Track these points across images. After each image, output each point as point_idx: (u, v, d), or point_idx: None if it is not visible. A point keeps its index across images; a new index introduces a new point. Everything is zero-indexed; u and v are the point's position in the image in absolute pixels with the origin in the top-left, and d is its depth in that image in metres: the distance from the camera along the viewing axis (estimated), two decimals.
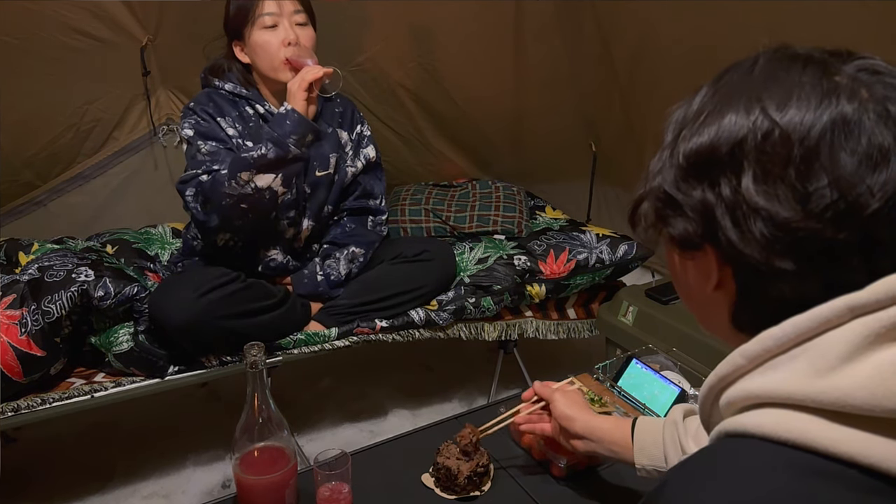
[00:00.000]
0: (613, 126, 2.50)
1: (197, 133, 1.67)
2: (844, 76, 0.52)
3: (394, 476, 1.23)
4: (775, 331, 0.51)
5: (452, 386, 2.21)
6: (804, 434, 0.47)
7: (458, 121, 2.54)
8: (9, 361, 1.48)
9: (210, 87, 1.75)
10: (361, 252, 1.86)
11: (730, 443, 0.52)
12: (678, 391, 1.24)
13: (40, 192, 2.25)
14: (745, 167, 0.52)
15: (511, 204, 2.23)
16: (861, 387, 0.46)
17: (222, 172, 1.60)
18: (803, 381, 0.48)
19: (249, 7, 1.66)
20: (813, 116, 0.50)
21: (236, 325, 1.62)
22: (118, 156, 2.29)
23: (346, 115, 1.89)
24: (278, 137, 1.58)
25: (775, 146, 0.51)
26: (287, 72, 1.68)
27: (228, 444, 1.14)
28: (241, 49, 1.73)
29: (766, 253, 0.52)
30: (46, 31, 1.96)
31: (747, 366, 0.53)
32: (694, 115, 0.57)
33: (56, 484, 1.80)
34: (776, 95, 0.52)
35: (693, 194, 0.55)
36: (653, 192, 0.59)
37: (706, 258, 0.57)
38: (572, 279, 1.99)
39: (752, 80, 0.55)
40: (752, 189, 0.51)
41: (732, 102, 0.54)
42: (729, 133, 0.53)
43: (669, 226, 0.58)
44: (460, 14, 2.28)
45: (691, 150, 0.55)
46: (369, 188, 1.92)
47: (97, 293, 1.56)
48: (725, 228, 0.53)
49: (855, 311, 0.48)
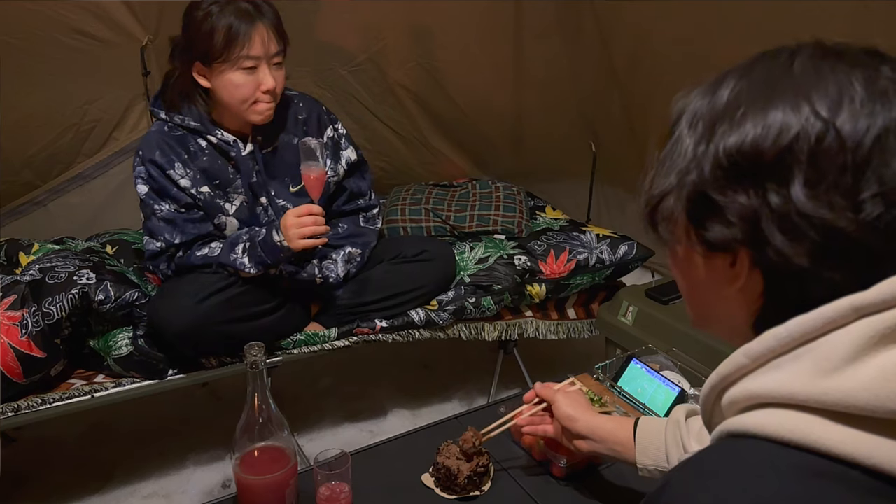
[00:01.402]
0: (613, 126, 2.50)
1: (151, 191, 1.64)
2: (887, 79, 0.50)
3: (394, 476, 1.23)
4: (779, 330, 0.50)
5: (452, 386, 2.20)
6: (807, 435, 0.47)
7: (458, 121, 2.53)
8: (9, 363, 1.48)
9: (159, 120, 1.67)
10: (358, 252, 1.86)
11: (732, 443, 0.51)
12: (678, 391, 1.24)
13: (40, 192, 2.24)
14: (796, 172, 0.49)
15: (511, 204, 2.23)
16: (865, 388, 0.46)
17: (198, 256, 1.64)
18: (807, 381, 0.48)
19: (232, 42, 1.51)
20: (867, 121, 0.48)
21: (236, 330, 1.62)
22: (118, 156, 2.29)
23: (311, 121, 1.77)
24: (269, 264, 1.61)
25: (830, 150, 0.48)
26: (254, 114, 1.60)
27: (228, 444, 1.14)
28: (203, 75, 1.59)
29: (815, 262, 0.50)
30: (46, 31, 1.95)
31: (750, 365, 0.52)
32: (728, 109, 0.53)
33: (56, 484, 1.80)
34: (826, 96, 0.49)
35: (737, 198, 0.51)
36: (684, 190, 0.55)
37: (736, 259, 0.54)
38: (572, 279, 1.99)
39: (794, 75, 0.52)
40: (803, 195, 0.49)
41: (775, 98, 0.51)
42: (777, 131, 0.50)
43: (705, 229, 0.54)
44: (460, 14, 2.28)
45: (732, 147, 0.51)
46: (356, 189, 1.89)
47: (98, 297, 1.56)
48: (772, 236, 0.50)
49: (860, 312, 0.47)
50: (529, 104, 2.55)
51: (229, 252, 1.63)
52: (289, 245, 1.56)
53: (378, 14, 2.25)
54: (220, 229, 1.71)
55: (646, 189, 0.59)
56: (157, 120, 1.69)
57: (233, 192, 1.70)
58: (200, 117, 1.65)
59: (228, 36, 1.51)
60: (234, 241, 1.65)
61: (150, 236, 1.66)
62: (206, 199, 1.66)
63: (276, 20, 1.58)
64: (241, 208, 1.71)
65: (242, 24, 1.51)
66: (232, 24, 1.51)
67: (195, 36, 1.54)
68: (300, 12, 2.15)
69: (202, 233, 1.68)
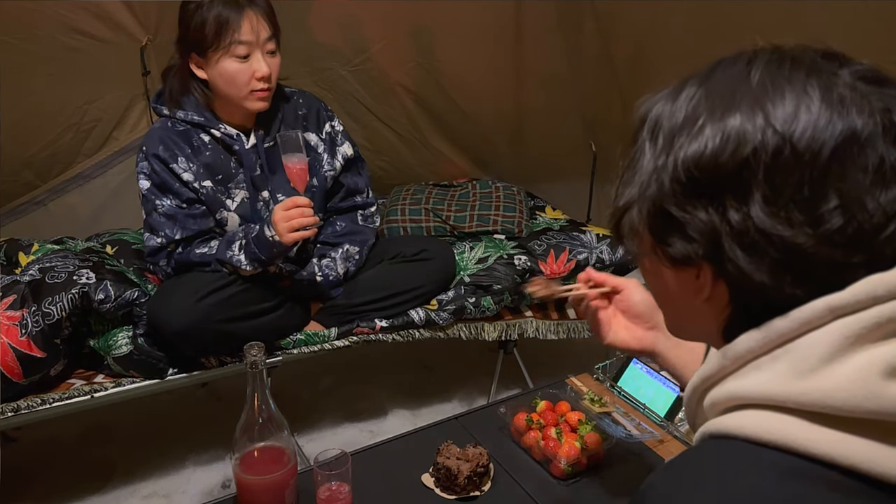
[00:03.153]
0: (613, 126, 2.50)
1: (153, 186, 1.65)
2: (845, 86, 0.49)
3: (394, 476, 1.23)
4: (757, 333, 0.50)
5: (452, 386, 2.20)
6: (785, 436, 0.47)
7: (458, 121, 2.53)
8: (9, 362, 1.48)
9: (162, 117, 1.69)
10: (357, 250, 1.86)
11: (713, 444, 0.52)
12: (677, 391, 1.24)
13: (40, 192, 2.24)
14: (754, 188, 0.48)
15: (511, 204, 2.23)
16: (841, 388, 0.46)
17: (197, 253, 1.66)
18: (784, 382, 0.48)
19: (222, 29, 1.54)
20: (824, 132, 0.47)
21: (236, 329, 1.62)
22: (118, 156, 2.29)
23: (310, 116, 1.81)
24: (264, 260, 1.62)
25: (787, 165, 0.47)
26: (254, 101, 1.62)
27: (228, 444, 1.14)
28: (200, 66, 1.62)
29: (775, 278, 0.49)
30: (46, 31, 1.95)
31: (730, 366, 0.53)
32: (687, 120, 0.52)
33: (56, 484, 1.80)
34: (781, 106, 0.49)
35: (697, 215, 0.51)
36: (645, 204, 0.54)
37: (700, 273, 0.54)
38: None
39: (750, 84, 0.51)
40: (762, 213, 0.48)
41: (732, 109, 0.50)
42: (734, 146, 0.49)
43: (666, 244, 0.54)
44: (460, 14, 2.27)
45: (691, 160, 0.50)
46: (353, 186, 1.89)
47: (98, 296, 1.56)
48: (733, 253, 0.50)
49: (835, 312, 0.48)
50: (529, 104, 2.55)
51: (226, 249, 1.64)
52: (280, 239, 1.56)
53: (378, 14, 2.25)
54: (221, 225, 1.72)
55: (612, 199, 0.59)
56: (160, 117, 1.70)
57: (234, 188, 1.71)
58: (202, 111, 1.67)
59: (218, 23, 1.55)
60: (230, 239, 1.66)
61: (150, 232, 1.67)
62: (208, 194, 1.67)
63: (267, 7, 1.61)
64: (243, 204, 1.72)
65: (231, 11, 1.56)
66: (221, 13, 1.55)
67: (189, 28, 1.58)
68: (300, 12, 2.15)
69: (203, 229, 1.69)
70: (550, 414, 1.30)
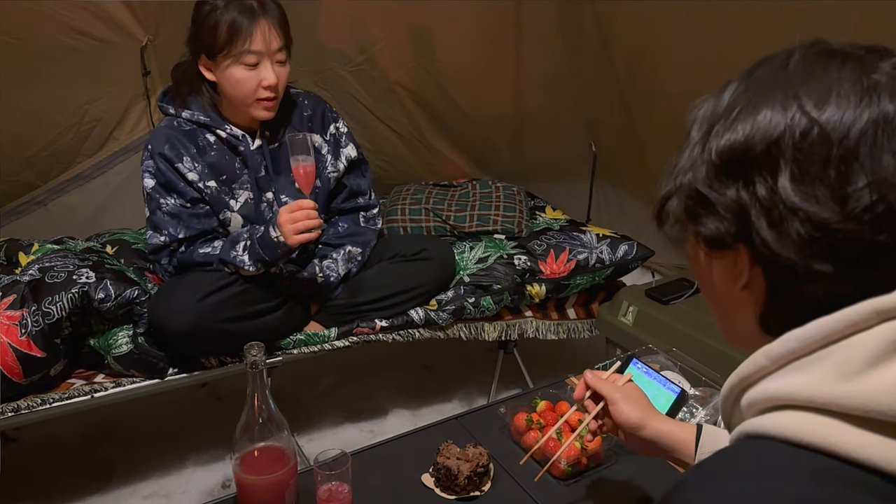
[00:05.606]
0: (613, 126, 2.50)
1: (158, 185, 1.65)
2: (883, 74, 0.50)
3: (394, 476, 1.23)
4: (800, 332, 0.50)
5: (452, 386, 2.20)
6: (826, 438, 0.46)
7: (458, 121, 2.54)
8: (9, 362, 1.48)
9: (168, 115, 1.69)
10: (358, 251, 1.86)
11: (750, 444, 0.51)
12: (678, 391, 1.24)
13: (40, 192, 2.24)
14: (782, 166, 0.50)
15: (511, 204, 2.23)
16: (886, 392, 0.45)
17: (200, 253, 1.66)
18: (827, 384, 0.47)
19: (234, 36, 1.54)
20: (853, 115, 0.49)
21: (236, 328, 1.62)
22: (118, 156, 2.29)
23: (315, 117, 1.81)
24: (268, 261, 1.62)
25: (814, 145, 0.49)
26: (259, 110, 1.63)
27: (228, 444, 1.14)
28: (209, 68, 1.62)
29: (802, 254, 0.50)
30: (46, 31, 1.95)
31: (770, 367, 0.52)
32: (725, 111, 0.55)
33: (56, 484, 1.80)
34: (814, 92, 0.50)
35: (727, 193, 0.53)
36: (682, 190, 0.57)
37: (737, 257, 0.55)
38: (572, 279, 1.99)
39: (787, 75, 0.53)
40: (790, 189, 0.49)
41: (767, 98, 0.52)
42: (765, 130, 0.51)
43: (700, 224, 0.56)
44: (460, 14, 2.28)
45: (724, 146, 0.53)
46: (356, 187, 1.90)
47: (98, 295, 1.56)
48: (761, 229, 0.51)
49: (882, 315, 0.47)
50: (529, 104, 2.55)
51: (230, 249, 1.64)
52: (285, 241, 1.57)
53: (378, 14, 2.25)
54: (225, 225, 1.72)
55: (658, 190, 0.62)
56: (166, 116, 1.70)
57: (238, 188, 1.71)
58: (208, 111, 1.67)
59: (231, 30, 1.54)
60: (234, 239, 1.66)
61: (153, 230, 1.67)
62: (212, 194, 1.68)
63: (281, 17, 1.61)
64: (246, 204, 1.72)
65: (245, 19, 1.55)
66: (235, 19, 1.55)
67: (201, 29, 1.58)
68: (300, 12, 2.15)
69: (206, 228, 1.69)
70: (550, 414, 1.30)
